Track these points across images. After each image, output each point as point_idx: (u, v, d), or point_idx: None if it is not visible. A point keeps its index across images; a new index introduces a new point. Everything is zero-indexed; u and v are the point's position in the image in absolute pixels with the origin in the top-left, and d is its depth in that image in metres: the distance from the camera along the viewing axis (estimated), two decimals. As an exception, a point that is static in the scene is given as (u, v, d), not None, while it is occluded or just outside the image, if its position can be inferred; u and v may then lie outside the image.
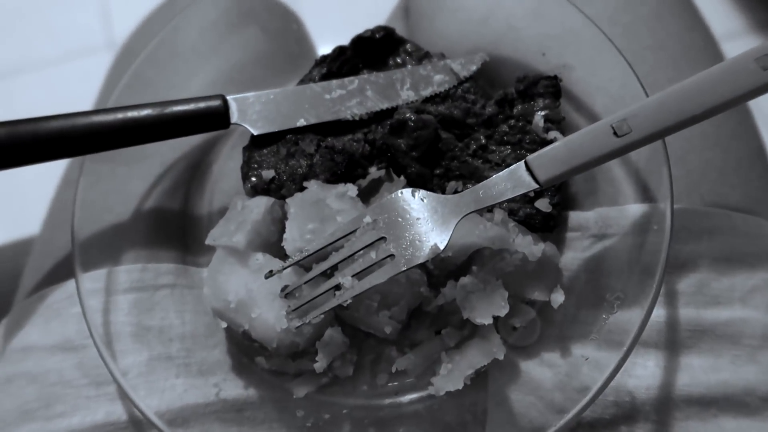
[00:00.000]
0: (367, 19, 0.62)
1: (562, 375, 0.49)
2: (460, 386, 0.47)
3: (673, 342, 0.50)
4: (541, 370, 0.50)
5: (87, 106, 0.75)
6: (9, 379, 0.53)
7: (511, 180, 0.46)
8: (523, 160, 0.46)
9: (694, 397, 0.48)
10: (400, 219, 0.46)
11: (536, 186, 0.45)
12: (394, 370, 0.50)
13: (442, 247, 0.45)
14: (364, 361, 0.52)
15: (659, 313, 0.50)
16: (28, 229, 0.73)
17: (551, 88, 0.54)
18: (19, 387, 0.52)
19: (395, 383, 0.52)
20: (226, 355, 0.53)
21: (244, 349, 0.53)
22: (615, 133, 0.44)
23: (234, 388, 0.51)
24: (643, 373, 0.49)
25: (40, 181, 0.77)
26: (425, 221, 0.46)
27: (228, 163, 0.61)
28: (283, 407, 0.51)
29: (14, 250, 0.77)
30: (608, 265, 0.51)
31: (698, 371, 0.49)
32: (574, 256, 0.53)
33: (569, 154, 0.45)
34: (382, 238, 0.46)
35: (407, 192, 0.47)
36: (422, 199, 0.46)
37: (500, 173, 0.46)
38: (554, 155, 0.45)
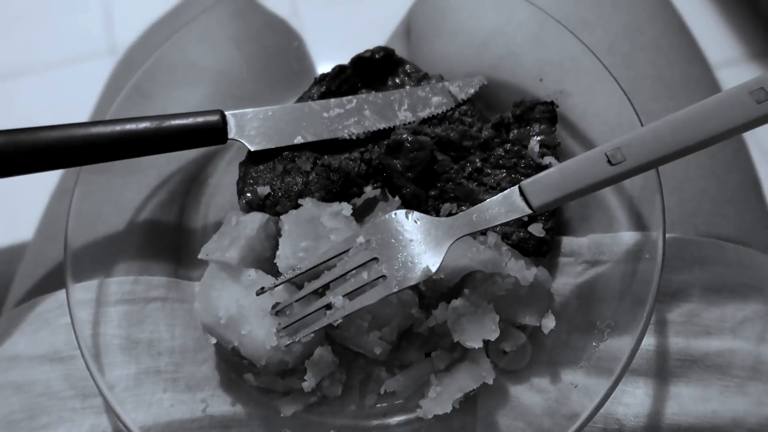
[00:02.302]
0: (367, 38, 0.63)
1: (552, 401, 0.49)
2: (449, 410, 0.47)
3: (663, 371, 0.50)
4: (531, 395, 0.50)
5: (87, 110, 0.75)
6: (-5, 388, 0.53)
7: (504, 204, 0.46)
8: (517, 186, 0.46)
9: (683, 427, 0.48)
10: (393, 240, 0.46)
11: (529, 211, 0.45)
12: (382, 391, 0.49)
13: (434, 270, 0.45)
14: (353, 381, 0.52)
15: (649, 342, 0.50)
16: (20, 236, 0.73)
17: (547, 113, 0.54)
18: (5, 396, 0.52)
19: (384, 404, 0.51)
20: (214, 371, 0.53)
21: (233, 365, 0.53)
22: (609, 162, 0.45)
23: (221, 405, 0.51)
24: (633, 401, 0.49)
25: (34, 187, 0.77)
26: (418, 243, 0.46)
27: (224, 178, 0.61)
28: (270, 425, 0.50)
29: (5, 257, 0.76)
30: (600, 292, 0.51)
31: (687, 401, 0.49)
32: (566, 281, 0.53)
33: (563, 180, 0.45)
34: (375, 259, 0.46)
35: (401, 213, 0.47)
36: (416, 221, 0.46)
37: (494, 197, 0.46)
38: (548, 181, 0.45)
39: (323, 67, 0.62)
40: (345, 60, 0.60)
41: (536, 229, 0.52)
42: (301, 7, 0.67)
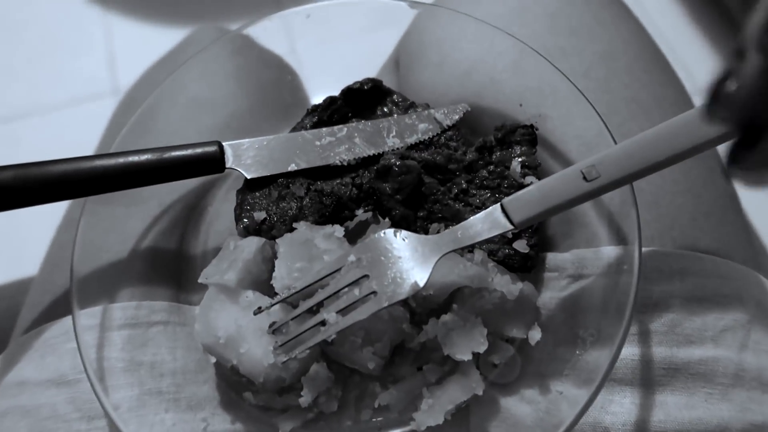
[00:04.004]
0: (359, 71, 0.66)
1: (542, 412, 0.50)
2: (441, 421, 0.48)
3: (648, 380, 0.51)
4: (521, 407, 0.51)
5: (91, 149, 0.78)
6: (3, 414, 0.54)
7: (487, 221, 0.48)
8: (499, 203, 0.48)
9: (669, 434, 0.50)
10: (382, 258, 0.48)
11: (511, 227, 0.48)
12: (376, 405, 0.51)
13: (422, 284, 0.47)
14: (348, 397, 0.54)
15: (633, 352, 0.52)
16: (28, 269, 0.75)
17: (528, 136, 0.57)
18: (13, 421, 0.53)
19: (379, 419, 0.53)
20: (215, 391, 0.54)
21: (233, 384, 0.55)
22: (584, 178, 0.47)
23: (221, 423, 0.52)
24: (620, 410, 0.50)
25: (41, 222, 0.80)
26: (406, 260, 0.48)
27: (223, 206, 0.64)
28: (269, 442, 0.52)
29: (13, 289, 0.79)
30: (584, 304, 0.53)
31: (672, 408, 0.50)
32: (551, 295, 0.55)
33: (541, 197, 0.48)
34: (366, 276, 0.48)
35: (390, 232, 0.49)
36: (404, 239, 0.49)
37: (477, 215, 0.49)
38: (528, 198, 0.48)
39: (316, 99, 0.65)
40: (337, 91, 0.63)
41: (521, 246, 0.54)
42: (297, 45, 0.70)
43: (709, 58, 1.58)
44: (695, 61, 1.55)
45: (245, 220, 0.57)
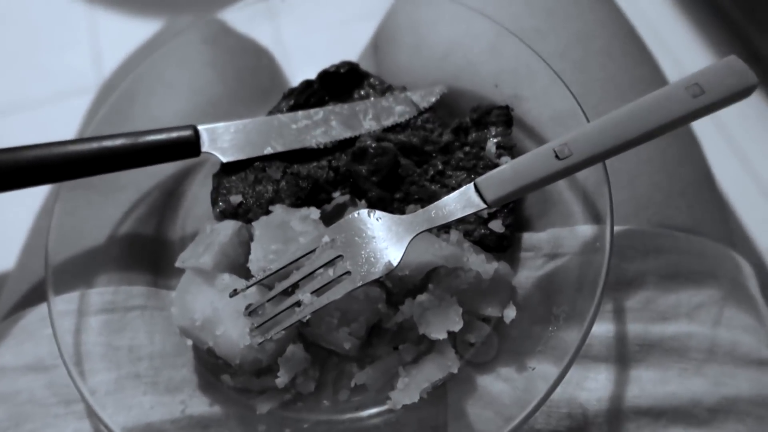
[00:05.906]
0: (337, 54, 0.66)
1: (519, 390, 0.51)
2: (416, 399, 0.48)
3: (623, 356, 0.52)
4: (498, 385, 0.52)
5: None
6: (-19, 400, 0.54)
7: (461, 200, 0.48)
8: (473, 182, 0.49)
9: (644, 409, 0.50)
10: (357, 238, 0.49)
11: (484, 206, 0.48)
12: (353, 384, 0.51)
13: (395, 264, 0.47)
14: (326, 378, 0.54)
15: (608, 329, 0.52)
16: (6, 258, 0.75)
17: (503, 116, 0.57)
18: (-9, 407, 0.54)
19: (357, 398, 0.53)
20: (193, 374, 0.54)
21: (211, 367, 0.55)
22: (557, 156, 0.47)
23: (200, 405, 0.53)
24: (595, 386, 0.51)
25: (19, 211, 0.80)
26: (381, 240, 0.48)
27: (201, 191, 0.64)
28: (247, 423, 0.52)
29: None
30: (559, 283, 0.53)
31: (647, 384, 0.51)
32: (528, 274, 0.55)
33: (514, 176, 0.48)
34: (340, 256, 0.48)
35: (364, 212, 0.49)
36: (378, 219, 0.49)
37: (451, 194, 0.49)
38: (501, 177, 0.48)
39: (294, 83, 0.65)
40: (314, 75, 0.63)
41: (496, 226, 0.54)
42: (274, 29, 0.70)
43: (693, 42, 1.58)
44: (680, 46, 1.56)
45: (221, 203, 0.57)
